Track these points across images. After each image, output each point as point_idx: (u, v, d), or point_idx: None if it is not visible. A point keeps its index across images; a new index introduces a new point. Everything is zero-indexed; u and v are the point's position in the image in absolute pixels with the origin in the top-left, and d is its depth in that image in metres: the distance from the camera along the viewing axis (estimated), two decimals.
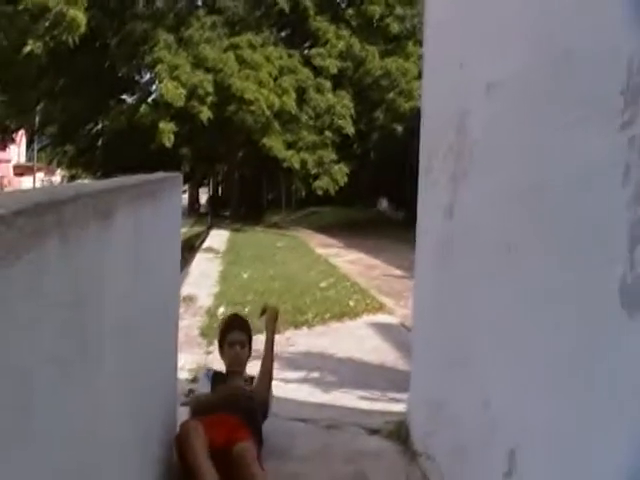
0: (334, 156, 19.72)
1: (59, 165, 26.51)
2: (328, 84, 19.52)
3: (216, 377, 3.08)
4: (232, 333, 3.07)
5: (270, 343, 3.03)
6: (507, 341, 1.97)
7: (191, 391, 3.49)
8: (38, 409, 0.95)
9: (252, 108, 17.26)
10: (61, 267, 1.07)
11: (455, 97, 2.69)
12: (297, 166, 18.87)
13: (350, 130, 19.47)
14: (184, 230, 19.03)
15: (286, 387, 3.92)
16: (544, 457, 1.68)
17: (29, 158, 37.47)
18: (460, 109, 2.56)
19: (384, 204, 30.64)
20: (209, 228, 18.87)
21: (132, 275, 1.76)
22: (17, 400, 0.88)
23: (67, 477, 1.11)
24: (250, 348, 3.11)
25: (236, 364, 3.04)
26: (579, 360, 1.53)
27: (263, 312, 3.18)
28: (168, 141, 17.10)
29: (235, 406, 2.75)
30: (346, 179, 19.94)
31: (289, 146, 18.90)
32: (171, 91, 16.77)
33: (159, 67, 17.25)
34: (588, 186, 1.53)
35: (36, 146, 31.20)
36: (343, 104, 19.54)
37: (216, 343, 3.37)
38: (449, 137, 2.70)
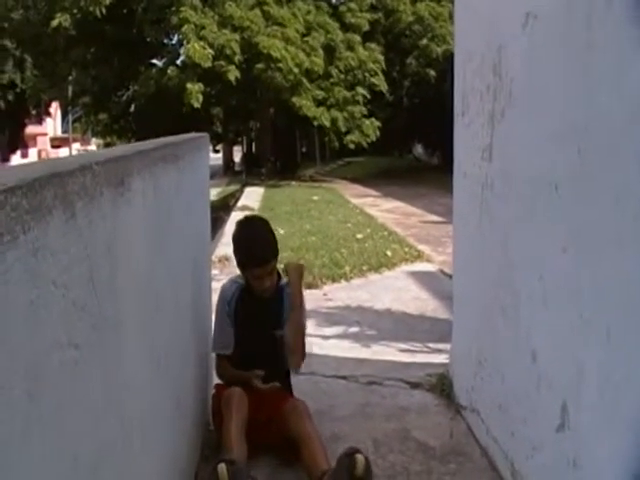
0: (365, 110, 19.43)
1: (94, 134, 26.75)
2: (358, 38, 19.13)
3: (241, 297, 2.60)
4: (258, 268, 2.49)
5: (298, 311, 2.49)
6: (556, 287, 1.87)
7: None
8: (49, 394, 0.90)
9: (280, 66, 16.99)
10: (68, 244, 1.00)
11: (489, 32, 2.53)
12: (327, 124, 18.66)
13: (383, 87, 19.17)
14: (219, 190, 19.16)
15: (325, 343, 3.89)
16: (598, 410, 1.60)
17: (65, 130, 37.84)
18: (496, 45, 2.41)
19: (419, 150, 30.28)
20: (244, 186, 18.87)
21: (154, 242, 1.71)
22: (25, 389, 0.83)
23: (89, 458, 1.07)
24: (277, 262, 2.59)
25: (264, 293, 2.55)
26: (634, 306, 1.43)
27: (285, 272, 2.61)
28: (197, 101, 17.02)
29: (276, 379, 2.54)
30: (378, 133, 19.72)
31: (319, 103, 18.64)
32: (198, 51, 16.63)
33: (185, 28, 17.08)
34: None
35: (71, 117, 31.50)
36: (374, 59, 19.17)
37: None
38: (484, 75, 2.55)
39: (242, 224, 2.69)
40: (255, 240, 2.54)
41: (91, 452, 1.09)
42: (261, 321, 2.59)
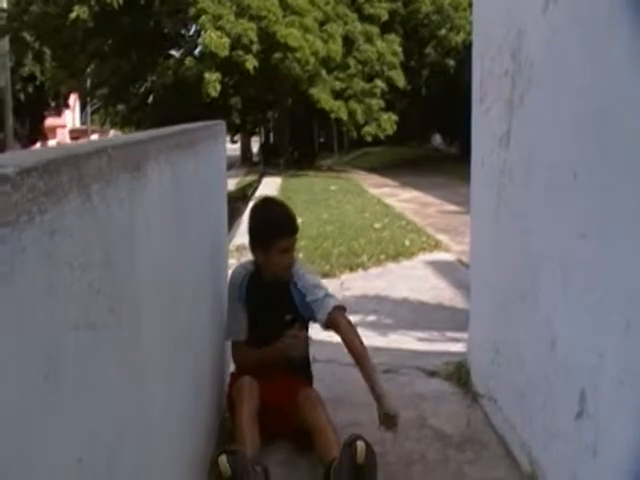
0: (383, 103, 19.38)
1: (112, 125, 26.87)
2: (377, 30, 19.07)
3: (251, 284, 2.57)
4: (287, 238, 2.47)
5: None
6: (575, 274, 1.84)
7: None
8: (67, 377, 0.91)
9: (297, 56, 16.94)
10: (85, 227, 1.01)
11: (508, 16, 2.50)
12: (345, 117, 18.62)
13: (401, 82, 19.09)
14: (237, 180, 19.20)
15: None
16: (618, 397, 1.58)
17: (83, 122, 38.08)
18: (515, 29, 2.38)
19: (438, 140, 30.14)
20: (262, 176, 18.90)
21: (172, 228, 1.71)
22: (41, 370, 0.83)
23: (107, 441, 1.08)
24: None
25: (286, 272, 2.51)
26: None
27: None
28: (214, 91, 17.04)
29: (290, 366, 2.55)
30: (395, 127, 19.69)
31: (337, 95, 18.57)
32: (215, 41, 16.63)
33: (203, 18, 17.08)
34: None
35: (89, 109, 31.74)
36: (393, 51, 19.06)
37: None
38: (503, 61, 2.52)
39: (262, 202, 2.74)
40: (281, 212, 2.56)
41: (110, 434, 1.10)
42: (272, 307, 2.57)
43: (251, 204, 2.85)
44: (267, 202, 2.76)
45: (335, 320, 2.42)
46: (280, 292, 2.55)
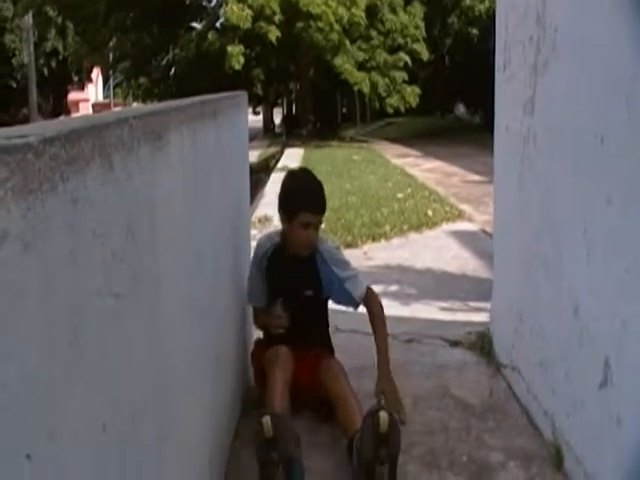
0: (406, 76, 19.14)
1: (135, 99, 26.89)
2: (400, 1, 18.71)
3: (274, 256, 2.57)
4: (311, 214, 2.44)
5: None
6: (600, 241, 1.82)
7: None
8: (90, 344, 0.92)
9: (320, 25, 16.73)
10: (107, 195, 1.01)
11: None
12: (367, 91, 18.45)
13: (424, 55, 18.81)
14: (260, 152, 19.19)
15: None
16: None
17: (106, 96, 38.14)
18: None
19: (461, 110, 29.72)
20: (284, 147, 18.86)
21: (194, 197, 1.72)
22: (65, 336, 0.85)
23: (131, 408, 1.10)
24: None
25: (305, 248, 2.49)
26: None
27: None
28: (238, 63, 16.98)
29: (311, 338, 2.58)
30: (418, 100, 19.47)
31: (360, 66, 18.35)
32: (236, 13, 16.51)
33: None
34: None
35: (112, 82, 31.80)
36: (415, 24, 18.75)
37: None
38: (527, 26, 2.47)
39: (299, 172, 2.75)
40: (314, 186, 2.53)
41: (133, 401, 1.12)
42: (293, 280, 2.56)
43: (278, 178, 2.83)
44: (304, 173, 2.70)
45: (369, 300, 2.54)
46: (303, 267, 2.54)
